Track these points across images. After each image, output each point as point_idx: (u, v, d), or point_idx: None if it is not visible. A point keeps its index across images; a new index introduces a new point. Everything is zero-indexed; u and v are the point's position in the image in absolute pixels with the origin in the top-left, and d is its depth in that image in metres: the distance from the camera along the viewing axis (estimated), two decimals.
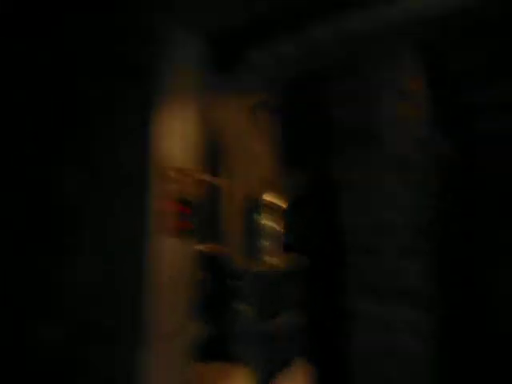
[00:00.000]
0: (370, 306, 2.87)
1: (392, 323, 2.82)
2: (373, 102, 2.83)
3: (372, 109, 2.85)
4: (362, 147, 2.96)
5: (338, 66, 2.73)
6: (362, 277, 2.90)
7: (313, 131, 3.05)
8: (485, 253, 3.35)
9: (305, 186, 2.78)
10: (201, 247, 1.94)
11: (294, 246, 2.58)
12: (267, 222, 2.32)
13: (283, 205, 2.41)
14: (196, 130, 1.88)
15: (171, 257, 1.59)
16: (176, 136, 1.75)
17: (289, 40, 2.06)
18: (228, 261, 2.11)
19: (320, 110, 3.03)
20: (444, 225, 3.12)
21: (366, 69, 2.77)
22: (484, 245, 3.37)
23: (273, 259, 2.28)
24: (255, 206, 2.37)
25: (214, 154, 2.24)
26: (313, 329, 2.63)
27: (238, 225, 2.28)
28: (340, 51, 2.12)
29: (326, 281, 2.93)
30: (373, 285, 2.87)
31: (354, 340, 2.93)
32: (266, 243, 2.29)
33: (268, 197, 2.41)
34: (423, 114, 2.93)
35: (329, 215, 3.00)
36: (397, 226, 2.82)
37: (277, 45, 2.14)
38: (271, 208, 2.35)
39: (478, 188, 3.57)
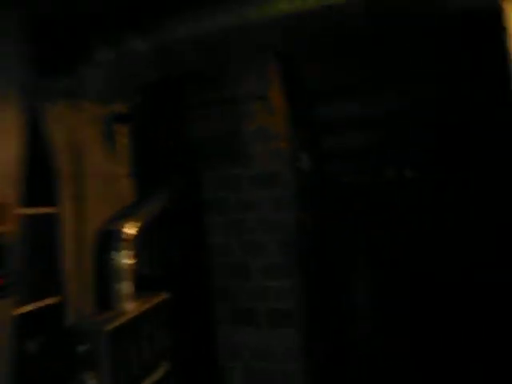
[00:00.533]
0: (244, 330, 2.70)
1: (267, 346, 2.69)
2: (236, 115, 2.68)
3: (236, 122, 2.70)
4: (228, 164, 2.80)
5: (197, 75, 2.50)
6: (232, 301, 2.72)
7: (174, 146, 2.74)
8: (342, 267, 3.52)
9: (165, 207, 2.43)
10: (25, 307, 1.42)
11: (154, 282, 2.20)
12: (124, 258, 1.90)
13: (139, 233, 2.01)
14: (16, 146, 1.38)
15: None
16: None
17: (140, 38, 1.72)
18: (69, 319, 1.62)
19: (181, 123, 2.76)
20: (309, 241, 3.15)
21: (227, 78, 2.60)
22: (341, 258, 3.54)
23: (132, 305, 1.86)
24: (109, 240, 1.92)
25: (47, 178, 1.74)
26: (187, 374, 2.29)
27: (85, 267, 1.80)
28: (196, 56, 1.87)
29: (195, 314, 2.64)
30: (243, 308, 2.71)
31: (230, 372, 2.72)
32: (123, 286, 1.85)
33: (125, 227, 1.98)
34: (287, 129, 2.91)
35: (193, 237, 2.74)
36: (266, 244, 2.73)
37: (127, 43, 1.77)
38: (128, 240, 1.94)
39: (333, 202, 3.78)
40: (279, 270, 2.69)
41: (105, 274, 1.82)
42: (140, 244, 2.08)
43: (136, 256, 2.02)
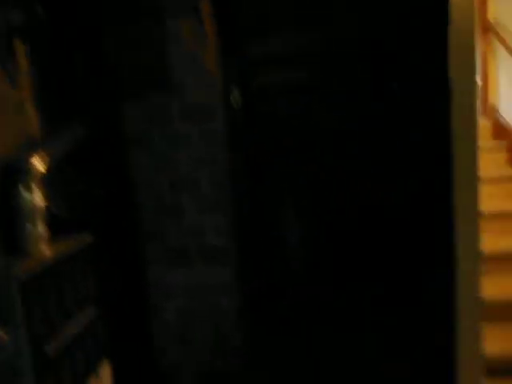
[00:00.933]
0: (178, 270, 2.62)
1: (201, 285, 2.66)
2: (164, 36, 2.38)
3: (164, 45, 2.40)
4: (155, 94, 2.53)
5: None
6: (162, 240, 2.60)
7: (89, 70, 2.37)
8: (274, 204, 3.54)
9: (81, 141, 2.14)
10: None
11: (73, 224, 1.96)
12: (34, 194, 1.63)
13: (50, 168, 1.73)
14: None
15: None
16: None
17: None
18: None
19: (97, 42, 2.37)
20: (242, 177, 3.08)
21: None
22: (272, 195, 3.56)
23: (48, 248, 1.63)
24: (14, 173, 1.63)
25: None
26: (116, 317, 2.16)
27: None
28: None
29: (123, 256, 2.47)
30: (176, 247, 2.61)
31: (163, 313, 2.66)
32: (35, 226, 1.60)
33: (34, 160, 1.69)
34: (218, 59, 2.70)
35: (114, 175, 2.50)
36: (198, 181, 2.59)
37: None
38: (38, 175, 1.66)
39: (264, 139, 3.72)
40: (213, 207, 2.60)
41: (11, 212, 1.54)
42: (52, 180, 1.81)
43: (48, 193, 1.75)
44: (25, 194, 1.55)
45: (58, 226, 1.84)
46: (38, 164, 1.64)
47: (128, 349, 2.27)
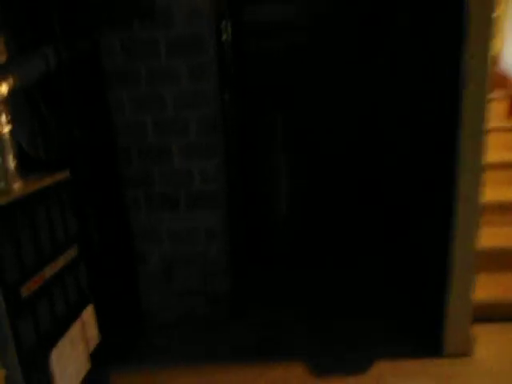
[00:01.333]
0: (164, 216, 2.51)
1: (188, 229, 2.56)
2: None
3: None
4: (137, 24, 2.29)
5: None
6: (149, 185, 2.47)
7: None
8: (262, 148, 3.41)
9: (52, 69, 1.91)
10: None
11: (47, 164, 1.79)
12: (4, 126, 1.44)
13: (14, 93, 1.53)
14: None
15: None
16: None
17: None
18: None
19: None
20: (231, 117, 2.89)
21: None
22: (260, 138, 3.42)
23: (19, 183, 1.47)
24: None
25: None
26: (99, 260, 2.06)
27: None
28: None
29: (103, 197, 2.33)
30: (164, 191, 2.48)
31: (149, 258, 2.58)
32: (3, 158, 1.43)
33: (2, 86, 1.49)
34: None
35: (92, 113, 2.30)
36: (186, 120, 2.42)
37: None
38: (1, 98, 1.46)
39: (252, 79, 3.52)
40: (201, 150, 2.44)
41: None
42: (27, 120, 1.61)
43: (23, 133, 1.56)
44: None
45: (34, 168, 1.67)
46: (3, 86, 1.44)
47: (113, 293, 2.19)
